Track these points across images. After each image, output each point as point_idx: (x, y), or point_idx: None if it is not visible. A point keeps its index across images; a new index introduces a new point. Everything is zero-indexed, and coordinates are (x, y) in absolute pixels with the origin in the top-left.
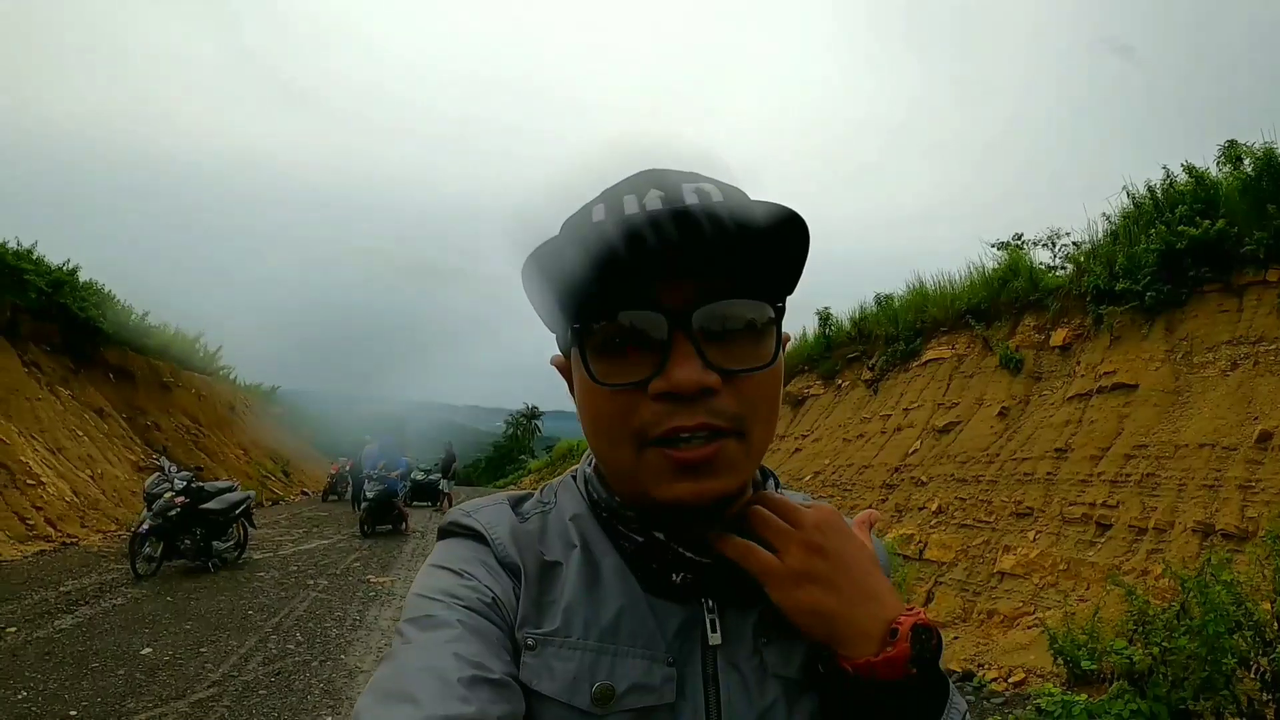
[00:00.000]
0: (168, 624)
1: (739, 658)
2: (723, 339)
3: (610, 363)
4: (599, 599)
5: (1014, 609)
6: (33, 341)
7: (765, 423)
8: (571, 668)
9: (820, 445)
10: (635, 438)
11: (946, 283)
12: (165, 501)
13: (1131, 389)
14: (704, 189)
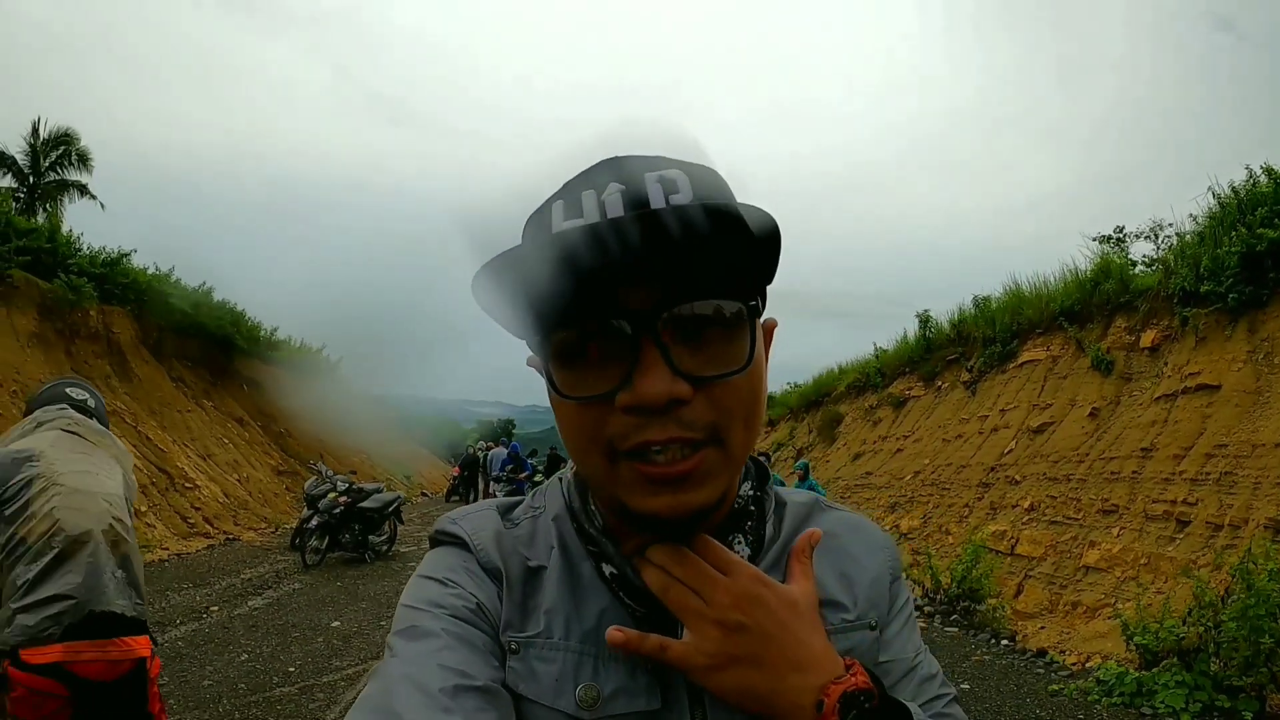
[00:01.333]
0: (345, 603)
1: None
2: (693, 343)
3: (575, 373)
4: (580, 601)
5: (1096, 601)
6: (176, 358)
7: (745, 426)
8: (554, 670)
9: (921, 445)
10: (606, 450)
11: (1041, 284)
12: (330, 501)
13: (1214, 389)
14: (668, 176)
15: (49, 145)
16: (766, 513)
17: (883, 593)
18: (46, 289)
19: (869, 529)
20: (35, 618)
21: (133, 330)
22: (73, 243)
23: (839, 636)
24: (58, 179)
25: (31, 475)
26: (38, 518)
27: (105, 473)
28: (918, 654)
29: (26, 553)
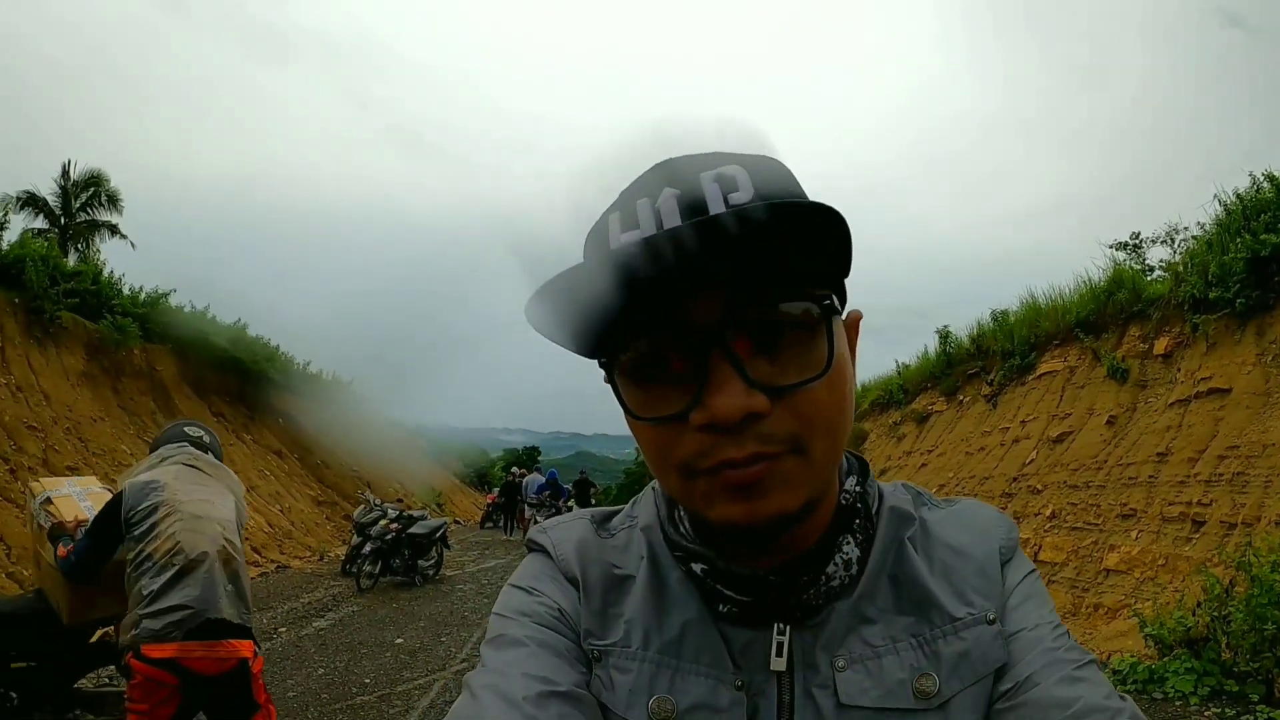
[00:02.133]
0: (404, 623)
1: (813, 686)
2: (768, 351)
3: (647, 392)
4: (663, 612)
5: (1117, 602)
6: (215, 394)
7: (829, 434)
8: (629, 680)
9: (944, 459)
10: (683, 470)
11: (1057, 296)
12: (382, 528)
13: (1226, 393)
14: (726, 174)
15: (79, 187)
16: (872, 509)
17: (995, 578)
18: (93, 329)
19: (974, 514)
20: (159, 622)
21: (175, 367)
22: (115, 284)
23: (947, 641)
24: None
25: (157, 502)
26: (162, 538)
27: (220, 501)
28: (1038, 625)
29: (152, 567)
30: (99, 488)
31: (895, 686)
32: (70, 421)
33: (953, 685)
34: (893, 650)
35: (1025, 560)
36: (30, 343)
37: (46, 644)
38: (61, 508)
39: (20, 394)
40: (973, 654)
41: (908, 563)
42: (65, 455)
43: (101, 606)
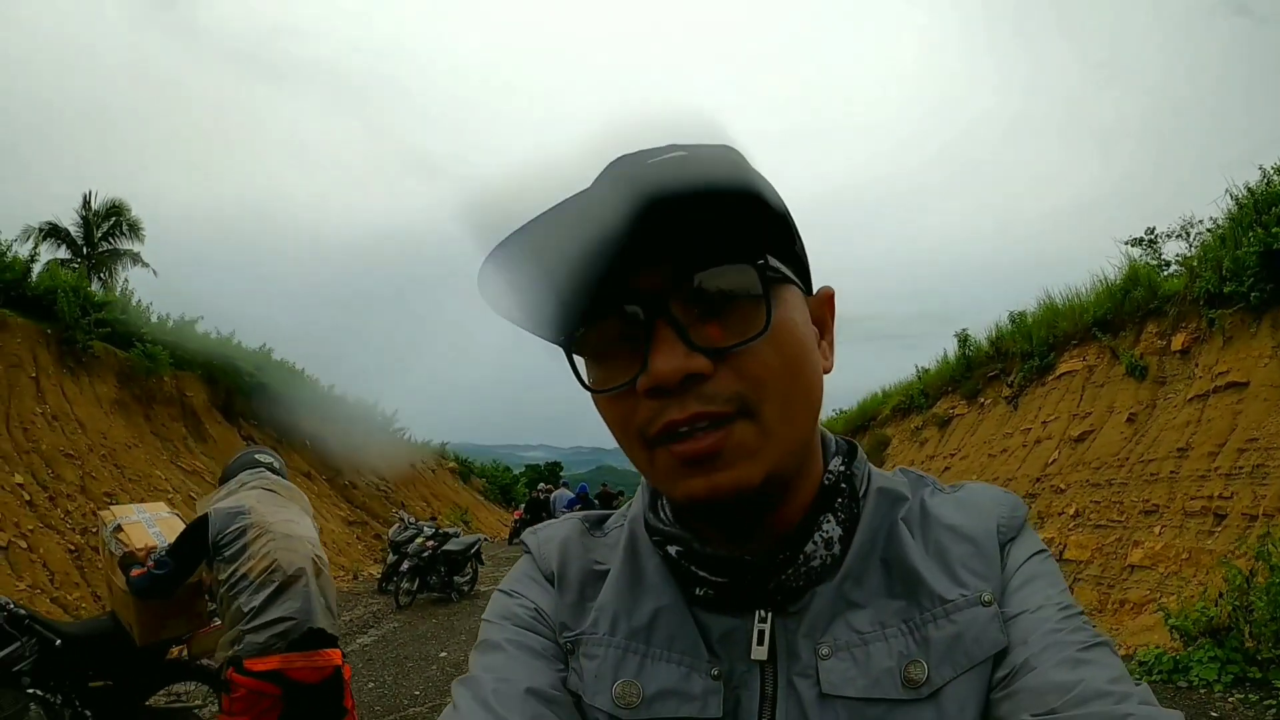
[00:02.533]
0: (445, 637)
1: (795, 675)
2: (710, 317)
3: (602, 366)
4: (636, 599)
5: (1142, 597)
6: (244, 418)
7: (780, 398)
8: (595, 665)
9: (967, 463)
10: (640, 439)
11: (1074, 296)
12: (419, 545)
13: (1243, 386)
14: (671, 160)
15: (100, 217)
16: (859, 491)
17: (992, 557)
18: (124, 358)
19: (976, 495)
20: (263, 635)
21: (204, 393)
22: (143, 312)
23: (937, 625)
24: (110, 248)
25: (245, 524)
26: (256, 558)
27: (301, 520)
28: (1041, 606)
29: (249, 585)
30: (167, 513)
31: (882, 675)
32: (105, 449)
33: (944, 673)
34: (881, 636)
35: (1032, 539)
36: (64, 372)
37: (121, 663)
38: (132, 534)
39: (56, 423)
40: (965, 638)
41: (899, 545)
42: (102, 482)
43: (171, 627)
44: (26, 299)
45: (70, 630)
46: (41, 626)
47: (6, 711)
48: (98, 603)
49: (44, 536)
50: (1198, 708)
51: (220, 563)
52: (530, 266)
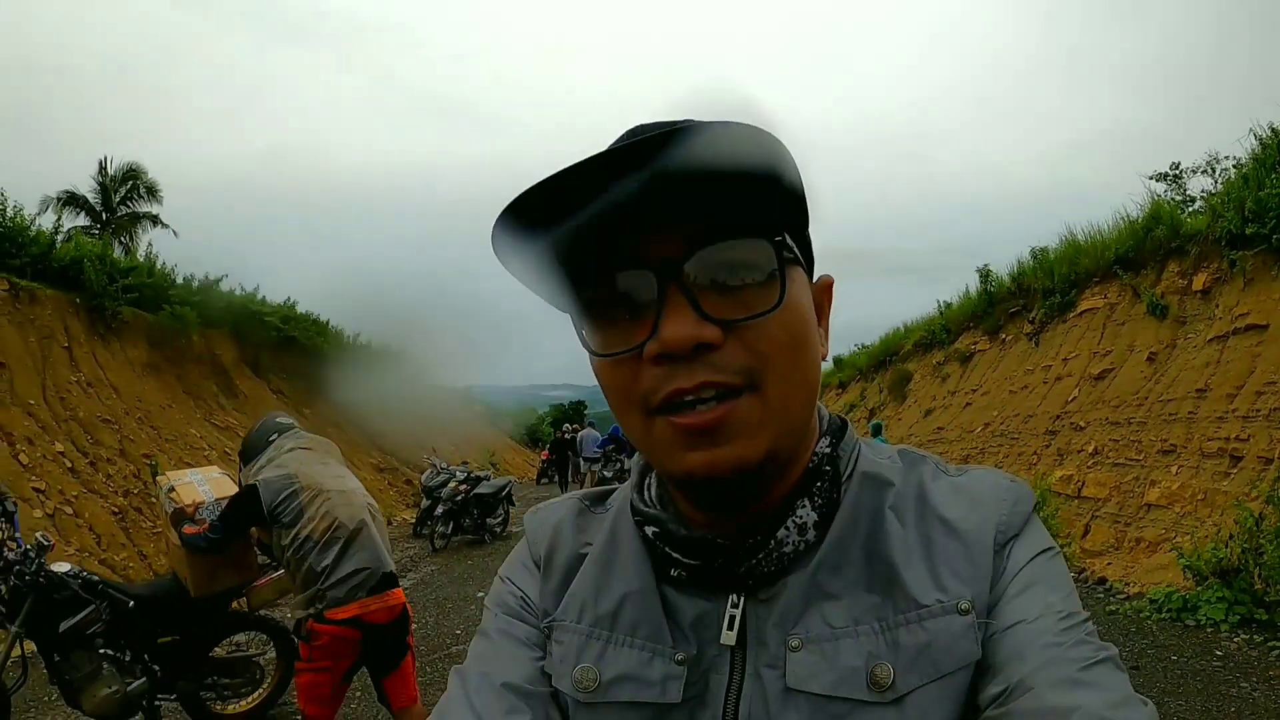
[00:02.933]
0: (481, 578)
1: (762, 665)
2: (723, 288)
3: (607, 331)
4: (606, 585)
5: (1157, 536)
6: (272, 373)
7: (784, 376)
8: (560, 650)
9: (989, 398)
10: (641, 407)
11: (1096, 233)
12: (452, 489)
13: (1263, 329)
14: (694, 127)
15: (117, 181)
16: (842, 474)
17: (982, 561)
18: (153, 321)
19: (979, 484)
20: (344, 589)
21: (233, 350)
22: (169, 275)
23: (909, 630)
24: (129, 212)
25: (296, 488)
26: (316, 519)
27: (345, 472)
28: (1040, 616)
29: (315, 546)
30: (218, 474)
31: (849, 674)
32: (141, 411)
33: (910, 680)
34: (853, 633)
35: (1037, 536)
36: (95, 339)
37: (186, 619)
38: (182, 493)
39: (91, 389)
40: (935, 647)
41: (882, 535)
42: (140, 444)
43: (221, 579)
44: (54, 270)
45: (139, 592)
46: (114, 590)
47: (82, 671)
48: (144, 562)
49: (88, 501)
50: (1204, 646)
51: (279, 529)
52: (541, 226)
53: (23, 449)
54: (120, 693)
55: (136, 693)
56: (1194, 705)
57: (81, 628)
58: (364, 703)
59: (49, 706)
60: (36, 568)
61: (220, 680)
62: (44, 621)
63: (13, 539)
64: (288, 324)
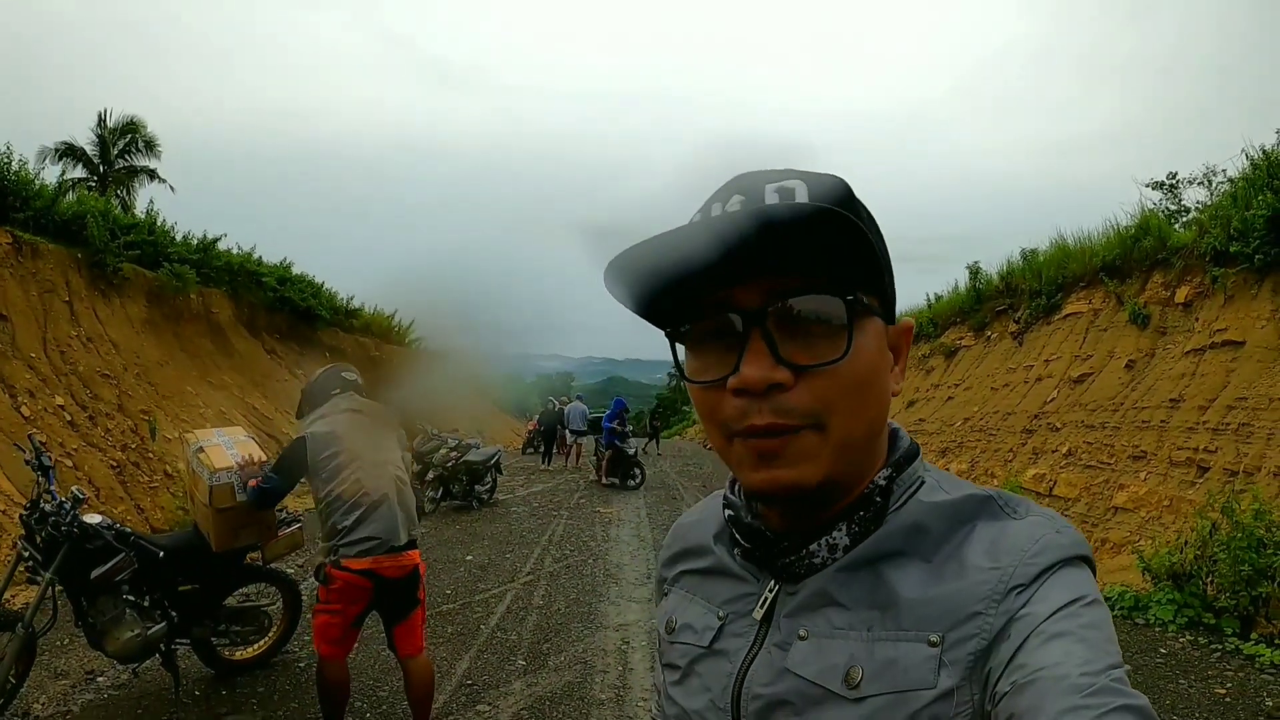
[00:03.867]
0: (469, 543)
1: (773, 643)
2: (798, 336)
3: (700, 359)
4: (703, 557)
5: (1122, 538)
6: (267, 332)
7: (848, 414)
8: (666, 605)
9: (971, 393)
10: (723, 430)
11: (1085, 238)
12: (443, 455)
13: (1239, 345)
14: (787, 186)
15: (116, 134)
16: (891, 505)
17: (980, 607)
18: (152, 278)
19: (1014, 537)
20: (354, 550)
21: (230, 309)
22: (169, 232)
23: (883, 645)
24: (127, 166)
25: (338, 449)
26: (347, 482)
27: (387, 442)
28: (1060, 663)
29: (343, 506)
30: (244, 437)
31: (830, 668)
32: (139, 368)
33: (873, 686)
34: (846, 636)
35: (1067, 588)
36: (96, 295)
37: (205, 569)
38: (213, 456)
39: (91, 345)
40: (898, 665)
41: (898, 565)
42: (138, 400)
43: (243, 536)
44: (56, 225)
45: (166, 543)
46: (145, 542)
47: (107, 615)
48: (140, 515)
49: (87, 455)
50: (1149, 644)
51: (318, 481)
52: (653, 271)
53: (24, 401)
54: (141, 636)
55: (155, 637)
56: None
57: (110, 575)
58: (362, 653)
59: (62, 650)
60: (71, 519)
61: (231, 628)
62: (76, 569)
63: (48, 492)
64: (284, 285)
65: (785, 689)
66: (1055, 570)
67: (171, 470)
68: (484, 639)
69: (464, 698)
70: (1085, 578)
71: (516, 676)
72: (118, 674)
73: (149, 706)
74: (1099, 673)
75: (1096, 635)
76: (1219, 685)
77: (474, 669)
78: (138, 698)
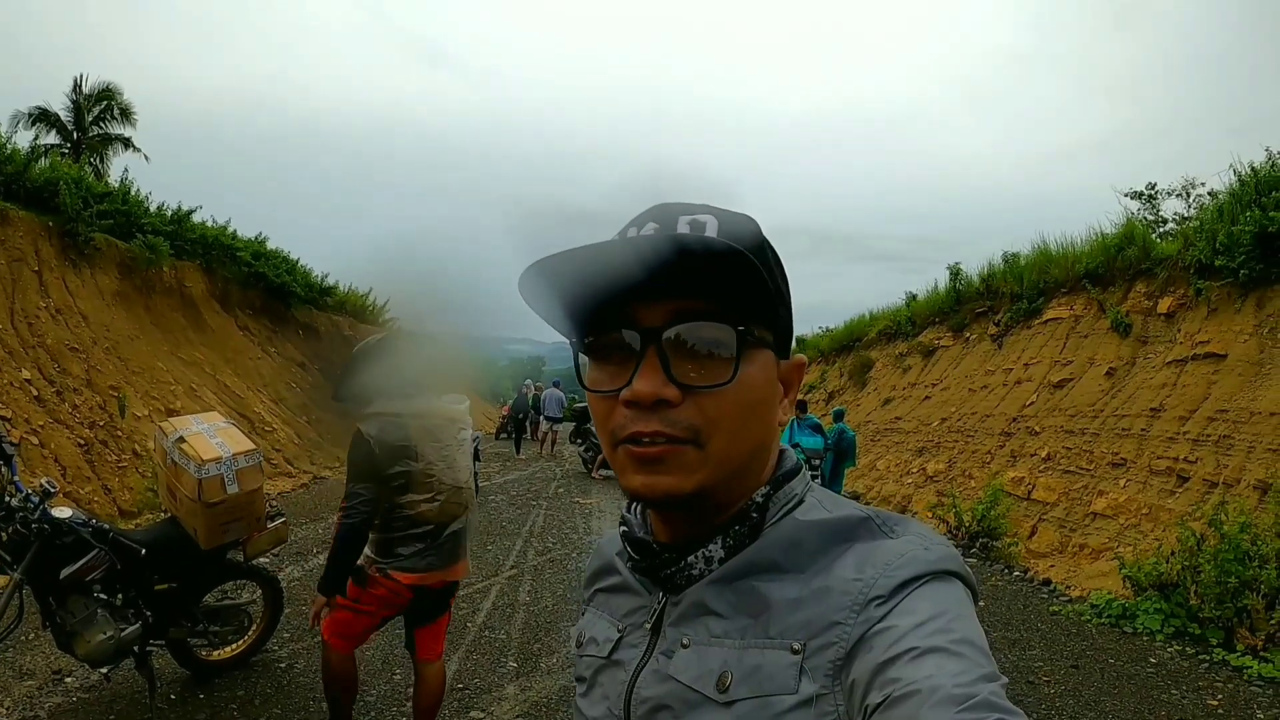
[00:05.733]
0: None
1: (660, 651)
2: (691, 358)
3: (598, 370)
4: (610, 575)
5: (1101, 544)
6: (240, 308)
7: (729, 435)
8: (581, 622)
9: (949, 394)
10: (612, 437)
11: (1068, 245)
12: None
13: (1221, 358)
14: (699, 220)
15: (91, 100)
16: (767, 521)
17: (839, 617)
18: (124, 249)
19: (884, 553)
20: (407, 566)
21: (203, 284)
22: (143, 202)
23: (750, 653)
24: (101, 133)
25: (408, 469)
26: (415, 508)
27: (462, 455)
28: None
29: (405, 527)
30: (224, 423)
31: (706, 673)
32: (109, 341)
33: (741, 690)
34: (721, 643)
35: (937, 599)
36: (66, 265)
37: (185, 566)
38: (196, 446)
39: (60, 316)
40: (763, 671)
41: (768, 580)
42: (107, 375)
43: (234, 531)
44: (28, 191)
45: (145, 539)
46: (124, 539)
47: (77, 617)
48: (108, 495)
49: (54, 431)
50: (1139, 653)
51: (383, 490)
52: (567, 280)
53: None
54: (114, 639)
55: (129, 639)
56: (1128, 707)
57: (81, 574)
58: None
59: (28, 646)
60: (40, 514)
61: (210, 628)
62: (45, 568)
63: (13, 483)
64: (258, 260)
65: (665, 693)
66: (920, 584)
67: (141, 450)
68: (472, 638)
69: (456, 703)
70: (954, 592)
71: (509, 680)
72: (87, 674)
73: (122, 711)
74: (974, 683)
75: (969, 649)
76: (1210, 697)
77: (464, 671)
78: (109, 701)
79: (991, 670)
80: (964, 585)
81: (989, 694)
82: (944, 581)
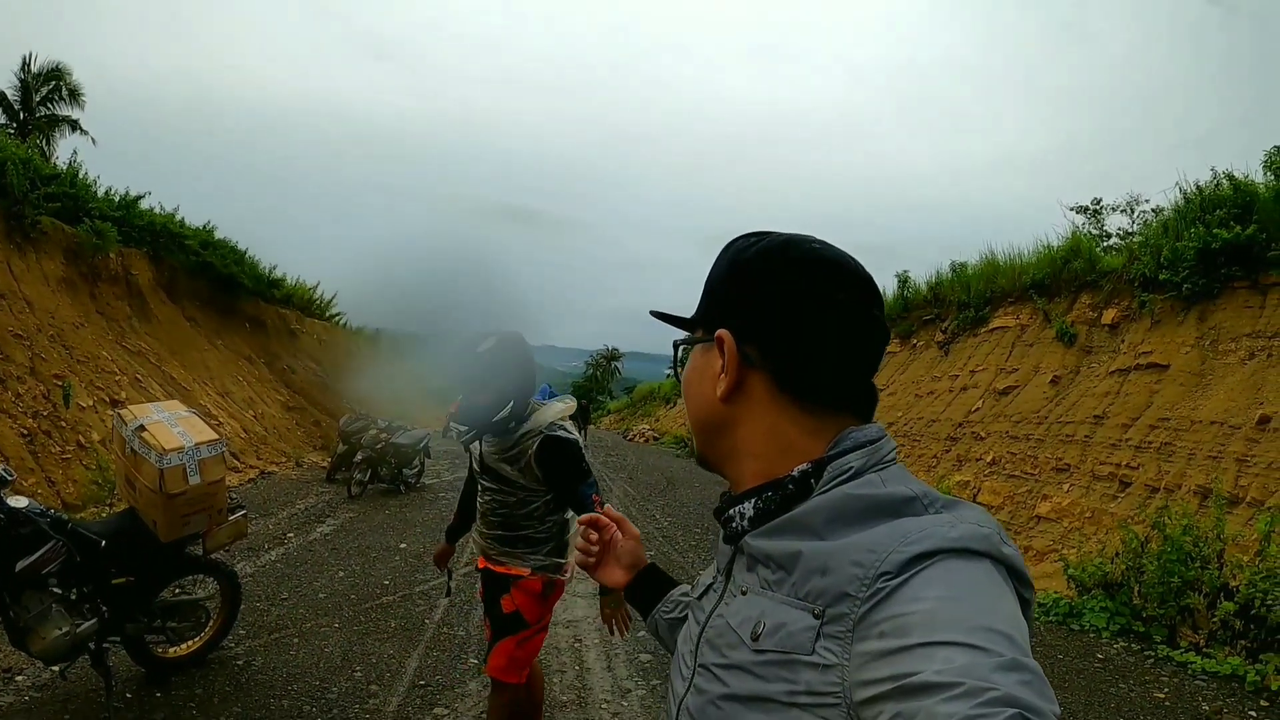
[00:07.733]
0: (401, 529)
1: (726, 596)
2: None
3: None
4: None
5: (1045, 546)
6: (187, 299)
7: (691, 419)
8: None
9: (895, 399)
10: None
11: (1015, 256)
12: (373, 437)
13: (1163, 369)
14: None
15: (39, 80)
16: (813, 490)
17: (852, 589)
18: (71, 234)
19: (909, 526)
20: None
21: (150, 272)
22: (91, 186)
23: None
24: (49, 114)
25: None
26: None
27: None
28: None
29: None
30: (185, 412)
31: (746, 620)
32: (54, 329)
33: (768, 642)
34: (766, 595)
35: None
36: (11, 249)
37: (142, 560)
38: (157, 434)
39: (4, 301)
40: (786, 628)
41: (807, 541)
42: (52, 363)
43: (194, 523)
44: None
45: (102, 531)
46: (83, 530)
47: (32, 612)
48: (52, 488)
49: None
50: (1086, 649)
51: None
52: None
53: None
54: (69, 635)
55: (85, 635)
56: (1079, 700)
57: (37, 567)
58: (303, 650)
59: None
60: None
61: (167, 624)
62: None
63: None
64: (206, 249)
65: (718, 631)
66: (933, 561)
67: (85, 441)
68: (430, 635)
69: (419, 699)
70: (973, 573)
71: (471, 676)
72: (39, 672)
73: (77, 710)
74: (990, 674)
75: (985, 636)
76: (1157, 690)
77: (425, 667)
78: (63, 700)
79: (1012, 657)
80: (994, 564)
81: (1008, 686)
82: (964, 560)
